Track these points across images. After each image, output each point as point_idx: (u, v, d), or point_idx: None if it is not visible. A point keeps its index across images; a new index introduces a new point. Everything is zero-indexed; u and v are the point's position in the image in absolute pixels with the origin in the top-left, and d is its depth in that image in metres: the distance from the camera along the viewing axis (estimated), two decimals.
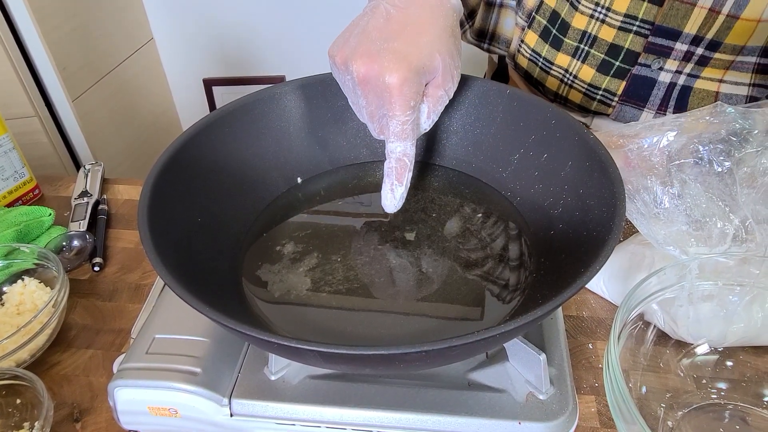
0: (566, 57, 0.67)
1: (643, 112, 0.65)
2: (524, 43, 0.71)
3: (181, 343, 0.45)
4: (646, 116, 0.65)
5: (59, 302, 0.53)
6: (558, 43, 0.67)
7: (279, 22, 1.63)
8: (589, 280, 0.34)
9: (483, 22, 0.75)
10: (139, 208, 0.40)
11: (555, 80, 0.69)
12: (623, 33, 0.62)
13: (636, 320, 0.47)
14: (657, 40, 0.60)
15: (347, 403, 0.42)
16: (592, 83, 0.66)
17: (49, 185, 0.77)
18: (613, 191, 0.40)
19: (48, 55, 1.26)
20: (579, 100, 0.68)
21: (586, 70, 0.66)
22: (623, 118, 0.66)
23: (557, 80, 0.69)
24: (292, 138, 0.56)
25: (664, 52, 0.61)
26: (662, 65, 0.62)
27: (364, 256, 0.49)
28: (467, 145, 0.56)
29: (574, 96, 0.69)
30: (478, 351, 0.41)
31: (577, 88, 0.67)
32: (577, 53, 0.66)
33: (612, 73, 0.64)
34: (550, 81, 0.70)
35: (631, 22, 0.61)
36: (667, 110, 0.64)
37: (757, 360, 0.48)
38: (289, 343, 0.30)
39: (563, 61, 0.67)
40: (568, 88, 0.68)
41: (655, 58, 0.61)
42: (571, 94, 0.69)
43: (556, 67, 0.68)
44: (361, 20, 0.48)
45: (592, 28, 0.64)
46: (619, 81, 0.64)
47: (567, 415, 0.41)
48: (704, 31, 0.58)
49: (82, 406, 0.50)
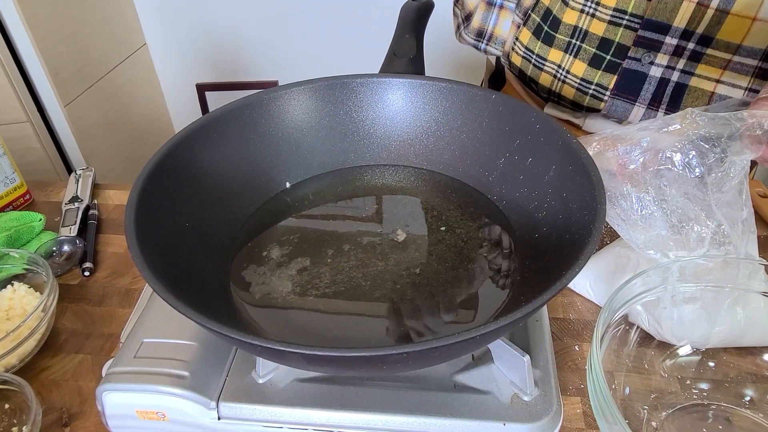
0: (558, 52, 0.68)
1: (635, 106, 0.65)
2: (518, 40, 0.72)
3: (169, 346, 0.45)
4: (637, 111, 0.66)
5: (48, 307, 0.53)
6: (550, 39, 0.68)
7: (272, 27, 1.64)
8: (568, 282, 0.34)
9: (482, 22, 0.76)
10: (126, 214, 0.40)
11: (548, 76, 0.70)
12: (613, 27, 0.63)
13: (620, 322, 0.47)
14: (646, 33, 0.61)
15: (334, 405, 0.43)
16: (584, 78, 0.67)
17: (40, 190, 0.77)
18: (594, 195, 0.40)
19: (40, 60, 1.26)
20: (572, 95, 0.69)
21: (578, 64, 0.66)
22: (615, 113, 0.67)
23: (550, 76, 0.70)
24: (281, 143, 0.56)
25: (654, 46, 0.61)
26: (653, 59, 0.62)
27: (351, 260, 0.50)
28: (454, 150, 0.57)
29: (567, 92, 0.69)
30: (461, 353, 0.41)
31: (570, 83, 0.68)
32: (569, 48, 0.67)
33: (603, 67, 0.65)
34: (543, 77, 0.71)
35: (620, 16, 0.62)
36: (660, 106, 0.64)
37: (740, 360, 0.49)
38: (273, 346, 0.31)
39: (556, 57, 0.68)
40: (561, 83, 0.69)
41: (645, 52, 0.62)
42: (564, 90, 0.69)
43: (549, 62, 0.69)
44: None
45: (582, 22, 0.65)
46: (611, 75, 0.65)
47: (551, 416, 0.42)
48: (694, 25, 0.58)
49: (71, 411, 0.50)
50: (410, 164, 0.59)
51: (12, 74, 1.24)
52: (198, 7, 1.61)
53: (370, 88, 0.57)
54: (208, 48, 1.70)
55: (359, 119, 0.58)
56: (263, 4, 1.59)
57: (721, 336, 0.48)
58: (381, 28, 0.58)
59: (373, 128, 0.58)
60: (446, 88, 0.55)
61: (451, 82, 0.55)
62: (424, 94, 0.57)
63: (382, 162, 0.59)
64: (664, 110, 0.64)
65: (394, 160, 0.59)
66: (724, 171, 0.41)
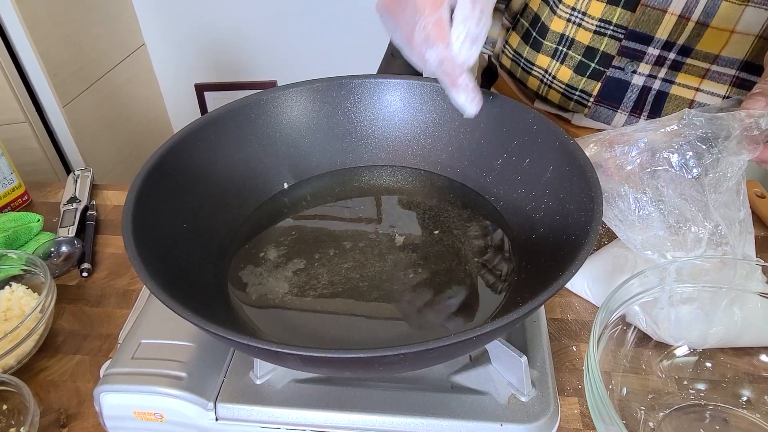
0: (546, 58, 0.69)
1: (617, 113, 0.67)
2: (508, 44, 0.73)
3: (166, 347, 0.45)
4: (620, 118, 0.68)
5: (46, 308, 0.53)
6: (538, 45, 0.70)
7: (271, 26, 1.64)
8: (565, 283, 0.34)
9: None
10: (123, 215, 0.40)
11: (536, 80, 0.72)
12: (598, 36, 0.64)
13: (617, 322, 0.47)
14: (630, 44, 0.63)
15: (332, 406, 0.43)
16: (569, 84, 0.68)
17: (38, 191, 0.77)
18: (591, 196, 0.40)
19: (39, 61, 1.26)
20: (558, 100, 0.71)
21: (564, 70, 0.68)
22: (598, 118, 0.69)
23: (537, 80, 0.71)
24: (279, 143, 0.56)
25: (637, 56, 0.63)
26: (635, 68, 0.64)
27: (349, 261, 0.50)
28: (451, 151, 0.57)
29: (553, 96, 0.71)
30: (457, 354, 0.41)
31: (556, 88, 0.70)
32: (556, 54, 0.68)
33: (588, 74, 0.67)
34: (531, 81, 0.72)
35: (605, 26, 0.63)
36: (642, 113, 0.66)
37: (737, 361, 0.49)
38: (269, 347, 0.31)
39: (543, 62, 0.70)
40: (548, 88, 0.71)
41: (628, 61, 0.64)
42: (550, 94, 0.71)
43: (537, 67, 0.71)
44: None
45: (569, 31, 0.66)
46: (595, 82, 0.66)
47: (548, 416, 0.42)
48: (675, 36, 0.60)
49: (69, 412, 0.50)
50: (408, 165, 0.59)
51: (10, 75, 1.24)
52: (197, 7, 1.61)
53: (367, 88, 0.57)
54: (207, 48, 1.70)
55: (357, 120, 0.58)
56: (262, 5, 1.59)
57: (718, 336, 0.48)
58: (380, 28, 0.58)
59: (371, 129, 0.58)
60: (442, 89, 0.55)
61: None
62: (421, 95, 0.57)
63: (380, 163, 0.59)
64: (645, 117, 0.66)
65: (392, 161, 0.59)
66: (721, 171, 0.41)
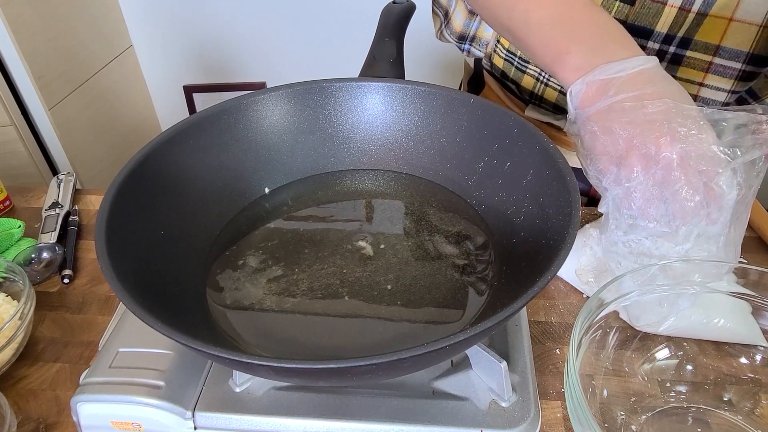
0: None
1: None
2: (500, 43, 0.72)
3: (144, 356, 0.45)
4: None
5: (25, 315, 0.52)
6: None
7: (259, 28, 1.63)
8: (540, 290, 0.34)
9: (464, 28, 0.75)
10: (97, 222, 0.40)
11: (531, 79, 0.70)
12: None
13: (599, 326, 0.47)
14: None
15: (312, 414, 0.43)
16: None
17: (21, 196, 0.76)
18: (569, 200, 0.40)
19: (24, 64, 1.25)
20: (554, 98, 0.69)
21: None
22: None
23: (533, 79, 0.70)
24: (259, 148, 0.56)
25: None
26: None
27: (329, 267, 0.50)
28: (433, 154, 0.57)
29: (549, 94, 0.69)
30: (431, 362, 0.41)
31: (553, 86, 0.68)
32: None
33: None
34: (525, 80, 0.71)
35: None
36: None
37: (719, 363, 0.49)
38: (240, 359, 0.31)
39: None
40: (544, 86, 0.69)
41: None
42: (546, 93, 0.69)
43: (532, 65, 0.69)
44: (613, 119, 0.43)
45: None
46: None
47: (528, 422, 0.42)
48: (675, 29, 0.59)
49: (48, 421, 0.49)
50: (390, 168, 0.59)
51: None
52: (184, 8, 1.60)
53: (349, 92, 0.57)
54: (195, 49, 1.69)
55: (338, 123, 0.58)
56: (250, 6, 1.59)
57: (677, 326, 0.48)
58: (370, 30, 0.57)
59: (353, 132, 0.58)
60: (425, 92, 0.55)
61: (431, 86, 0.55)
62: (403, 98, 0.56)
63: (362, 166, 0.59)
64: None
65: (374, 165, 0.59)
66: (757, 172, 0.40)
